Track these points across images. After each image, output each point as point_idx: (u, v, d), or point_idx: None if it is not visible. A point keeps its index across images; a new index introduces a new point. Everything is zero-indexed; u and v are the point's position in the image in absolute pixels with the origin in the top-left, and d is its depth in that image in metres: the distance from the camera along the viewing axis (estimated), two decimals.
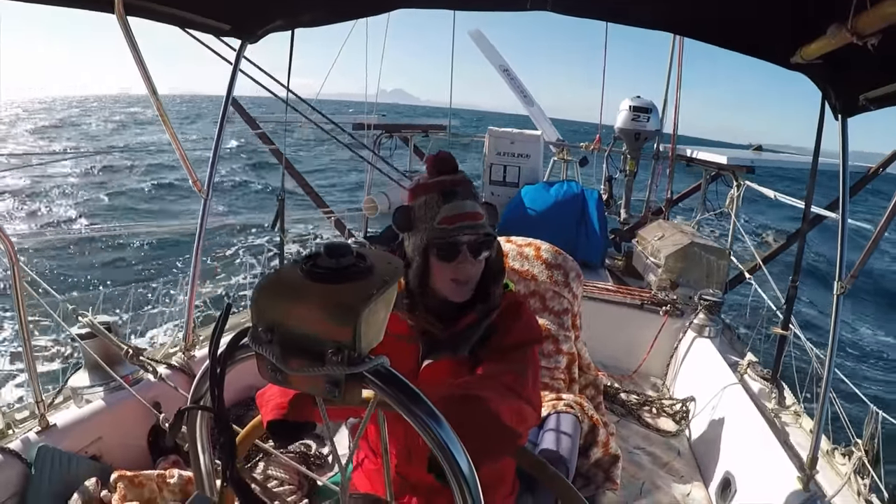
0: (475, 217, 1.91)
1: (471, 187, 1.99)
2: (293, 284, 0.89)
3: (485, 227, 1.93)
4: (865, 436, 3.19)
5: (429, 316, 2.03)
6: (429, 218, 1.93)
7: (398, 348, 2.03)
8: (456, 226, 1.89)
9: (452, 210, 1.90)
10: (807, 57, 2.41)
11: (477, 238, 1.91)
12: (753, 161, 7.04)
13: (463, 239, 1.90)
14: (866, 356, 13.81)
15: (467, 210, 1.91)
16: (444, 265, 1.93)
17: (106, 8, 2.45)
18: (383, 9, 3.35)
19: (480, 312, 2.01)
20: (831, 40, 2.07)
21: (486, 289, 2.04)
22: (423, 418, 0.93)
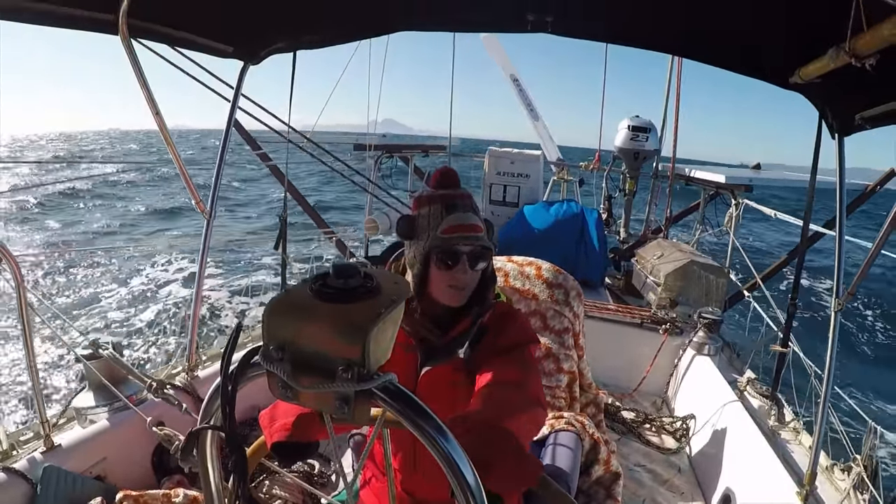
0: (475, 229, 1.98)
1: (472, 202, 2.05)
2: (303, 304, 0.92)
3: (483, 239, 1.99)
4: (864, 451, 3.20)
5: (427, 322, 2.08)
6: (431, 227, 1.99)
7: (397, 357, 2.07)
8: (457, 235, 1.96)
9: (454, 221, 1.97)
10: (805, 77, 2.45)
11: (475, 249, 1.98)
12: (752, 180, 7.08)
13: (463, 248, 1.97)
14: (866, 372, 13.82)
15: (468, 222, 1.98)
16: (442, 272, 1.99)
17: (110, 30, 2.49)
18: (384, 31, 3.40)
19: (474, 315, 2.07)
20: (830, 62, 2.10)
21: (482, 294, 2.10)
22: (430, 433, 0.95)
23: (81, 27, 2.49)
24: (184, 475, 3.20)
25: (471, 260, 1.98)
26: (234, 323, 1.21)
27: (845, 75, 2.06)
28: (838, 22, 1.88)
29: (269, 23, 3.09)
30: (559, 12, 2.87)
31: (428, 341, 2.09)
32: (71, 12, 2.39)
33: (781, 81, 2.71)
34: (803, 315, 13.93)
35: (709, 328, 5.17)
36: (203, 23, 2.90)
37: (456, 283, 1.99)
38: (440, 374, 2.06)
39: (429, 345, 2.09)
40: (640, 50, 3.22)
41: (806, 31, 2.25)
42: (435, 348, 2.08)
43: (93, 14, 2.43)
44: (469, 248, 1.97)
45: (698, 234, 8.16)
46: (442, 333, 2.08)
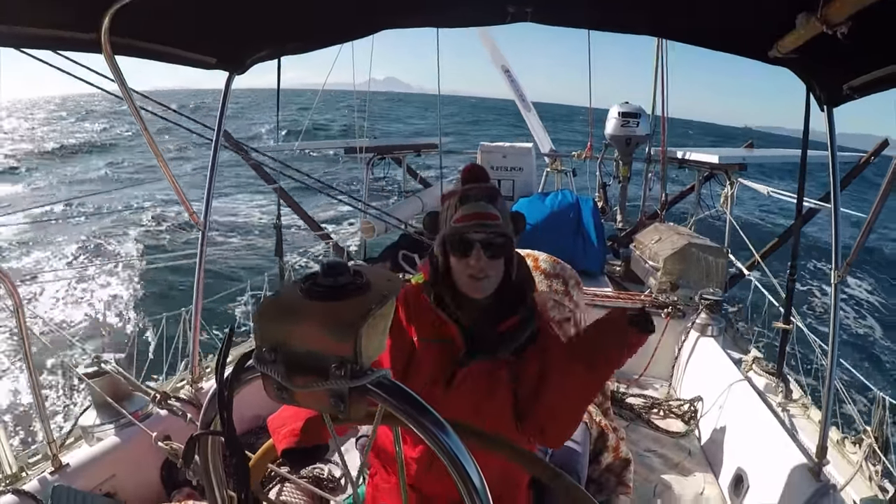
0: (487, 217, 1.98)
1: (492, 193, 2.05)
2: (293, 304, 0.91)
3: (498, 227, 1.99)
4: (874, 422, 3.20)
5: (475, 315, 2.10)
6: (448, 219, 2.03)
7: (434, 350, 2.10)
8: (468, 223, 1.98)
9: (466, 210, 1.99)
10: (783, 50, 2.44)
11: (488, 237, 1.98)
12: (745, 158, 7.08)
13: (475, 236, 1.98)
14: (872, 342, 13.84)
15: (480, 210, 1.98)
16: (460, 261, 2.01)
17: (93, 49, 2.48)
18: (367, 32, 3.39)
19: (524, 315, 2.09)
20: (802, 31, 2.10)
21: (522, 295, 2.13)
22: (430, 428, 0.95)
23: (64, 48, 2.48)
24: (193, 488, 3.20)
25: (485, 248, 1.98)
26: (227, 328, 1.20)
27: (826, 46, 2.05)
28: None
29: (253, 32, 3.08)
30: (539, 2, 2.87)
31: (472, 333, 2.10)
32: (53, 34, 2.38)
33: (762, 56, 2.70)
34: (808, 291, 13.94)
35: (711, 309, 5.18)
36: (185, 36, 2.88)
37: (472, 272, 2.00)
38: (481, 372, 2.07)
39: (473, 337, 2.10)
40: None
41: (778, 2, 2.24)
42: (479, 341, 2.09)
43: (74, 35, 2.42)
44: (481, 236, 1.98)
45: (695, 216, 8.15)
46: (489, 326, 2.09)
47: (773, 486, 3.28)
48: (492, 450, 1.45)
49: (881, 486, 2.99)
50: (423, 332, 2.14)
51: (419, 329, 2.14)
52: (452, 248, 2.03)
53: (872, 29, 1.92)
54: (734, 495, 3.66)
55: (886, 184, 2.52)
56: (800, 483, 3.05)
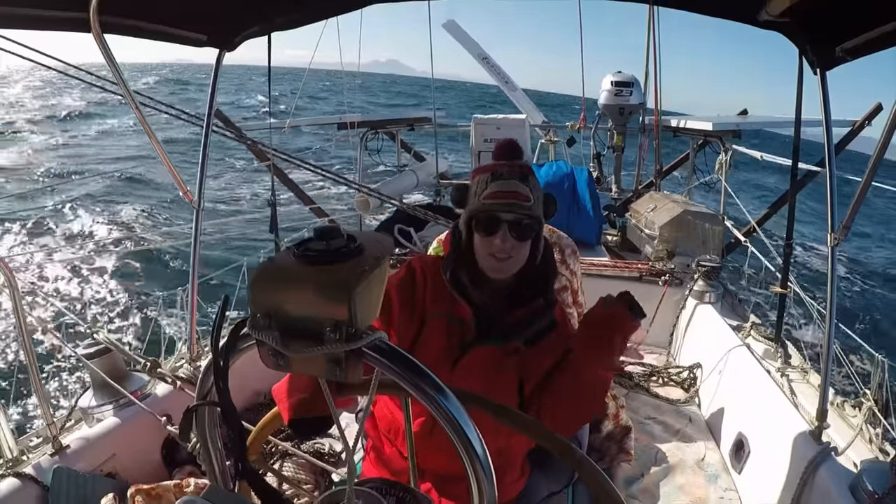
0: (518, 196, 1.94)
1: (524, 172, 2.01)
2: (286, 269, 0.91)
3: (529, 209, 1.96)
4: (873, 385, 3.20)
5: (491, 297, 2.07)
6: (478, 194, 1.99)
7: (443, 328, 2.09)
8: (497, 202, 1.94)
9: (497, 187, 1.96)
10: (773, 11, 2.42)
11: (518, 217, 1.95)
12: (739, 125, 7.07)
13: (504, 216, 1.95)
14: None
15: (511, 189, 1.95)
16: (484, 239, 1.98)
17: (81, 28, 2.46)
18: (356, 6, 3.36)
19: (541, 303, 2.07)
20: None
21: (545, 282, 2.12)
22: (428, 392, 0.95)
23: (52, 27, 2.47)
24: (195, 466, 3.20)
25: (513, 229, 1.95)
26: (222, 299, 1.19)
27: (816, 7, 2.04)
28: None
29: (242, 8, 3.05)
30: None
31: (485, 317, 2.08)
32: (41, 14, 2.36)
33: (752, 20, 2.68)
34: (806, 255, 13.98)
35: (708, 276, 5.17)
36: (175, 13, 2.86)
37: (496, 252, 1.97)
38: (488, 356, 2.06)
39: (485, 321, 2.08)
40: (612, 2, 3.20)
41: None
42: (491, 325, 2.07)
43: (63, 14, 2.41)
44: (511, 217, 1.95)
45: (691, 184, 8.15)
46: (504, 310, 2.07)
47: (773, 451, 3.29)
48: (497, 419, 1.45)
49: (882, 449, 3.00)
50: (436, 306, 2.11)
51: (432, 303, 2.12)
52: (478, 226, 2.00)
53: None
54: (735, 460, 3.68)
55: (880, 147, 2.51)
56: (800, 447, 3.06)
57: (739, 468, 3.59)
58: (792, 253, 4.26)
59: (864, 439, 3.08)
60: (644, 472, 3.64)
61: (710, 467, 3.73)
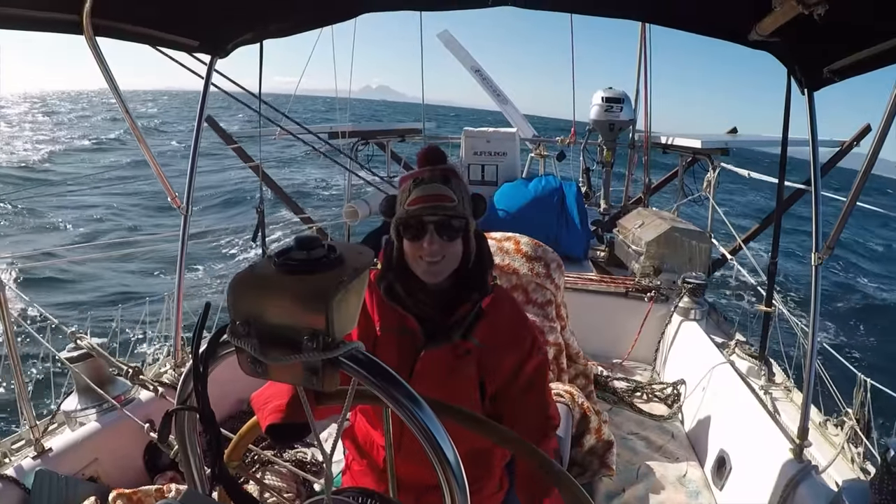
0: (440, 199, 1.94)
1: (446, 174, 2.01)
2: (266, 278, 0.92)
3: (453, 209, 1.96)
4: (856, 405, 3.23)
5: (428, 304, 2.07)
6: (402, 202, 1.99)
7: (394, 340, 2.09)
8: (419, 206, 1.94)
9: (419, 192, 1.95)
10: (763, 32, 2.45)
11: (442, 219, 1.95)
12: (728, 143, 7.10)
13: (428, 219, 1.94)
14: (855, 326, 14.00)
15: (433, 192, 1.95)
16: (413, 245, 1.98)
17: (74, 30, 2.46)
18: (348, 15, 3.38)
19: (474, 300, 2.05)
20: (779, 11, 2.11)
21: (481, 278, 2.10)
22: (402, 402, 0.96)
23: (45, 29, 2.47)
24: (177, 472, 3.20)
25: (439, 230, 1.95)
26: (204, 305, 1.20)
27: (805, 29, 2.06)
28: None
29: (235, 15, 3.07)
30: None
31: (429, 323, 2.08)
32: (34, 15, 2.36)
33: (742, 39, 2.71)
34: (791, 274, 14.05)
35: (693, 293, 5.20)
36: (168, 18, 2.87)
37: (426, 255, 1.97)
38: (440, 359, 2.06)
39: (430, 326, 2.08)
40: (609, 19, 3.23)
41: None
42: (436, 330, 2.07)
43: (56, 15, 2.42)
44: (436, 218, 1.94)
45: (679, 201, 8.19)
46: (444, 315, 2.07)
47: (755, 468, 3.32)
48: (474, 431, 1.46)
49: (863, 468, 3.02)
50: (384, 321, 2.13)
51: (381, 318, 2.13)
52: (406, 232, 2.00)
53: (850, 11, 1.93)
54: (717, 477, 3.69)
55: (865, 168, 2.53)
56: (781, 465, 3.08)
57: (721, 485, 3.61)
58: (777, 271, 4.28)
59: (846, 458, 3.10)
60: (625, 487, 3.65)
61: (692, 483, 3.74)
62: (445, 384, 2.02)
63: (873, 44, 2.26)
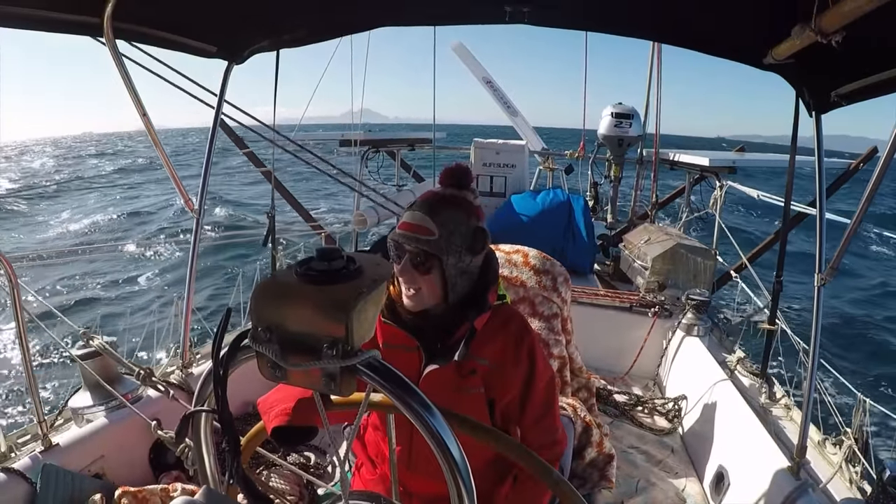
0: (418, 230, 1.94)
1: (440, 204, 2.00)
2: (289, 286, 0.96)
3: (426, 243, 1.94)
4: (855, 424, 3.25)
5: (425, 326, 2.08)
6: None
7: (400, 357, 2.09)
8: (401, 233, 1.97)
9: (406, 218, 1.98)
10: (778, 57, 2.49)
11: (415, 250, 1.95)
12: (735, 161, 7.13)
13: (407, 246, 1.96)
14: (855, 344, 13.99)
15: (414, 221, 1.95)
16: (396, 266, 2.00)
17: (94, 32, 2.51)
18: (367, 26, 3.44)
19: (471, 318, 2.04)
20: (797, 41, 2.15)
21: (481, 297, 2.09)
22: (416, 408, 1.00)
23: (66, 30, 2.50)
24: (182, 470, 3.24)
25: (412, 260, 1.96)
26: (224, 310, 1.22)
27: (818, 54, 2.10)
28: (804, 2, 1.92)
29: (253, 22, 3.12)
30: (536, 2, 2.91)
31: (429, 342, 2.09)
32: (56, 16, 2.41)
33: (757, 62, 2.75)
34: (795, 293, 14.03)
35: (697, 309, 5.22)
36: (187, 23, 2.92)
37: (402, 280, 2.00)
38: (444, 378, 2.07)
39: (430, 345, 2.09)
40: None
41: (775, 10, 2.28)
42: (437, 349, 2.08)
43: (77, 17, 2.45)
44: (410, 248, 1.95)
45: (685, 218, 8.21)
46: (443, 335, 2.07)
47: (752, 485, 3.33)
48: (481, 440, 1.49)
49: (860, 488, 3.04)
50: (387, 337, 2.14)
51: (384, 334, 2.15)
52: (390, 252, 2.01)
53: (862, 38, 1.97)
54: (715, 493, 3.71)
55: (869, 191, 2.56)
56: (779, 481, 3.10)
57: (719, 500, 3.63)
58: (781, 290, 4.31)
59: (844, 478, 3.12)
60: (624, 500, 3.68)
61: (690, 498, 3.77)
62: (450, 403, 2.02)
63: (879, 70, 2.30)
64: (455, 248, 1.98)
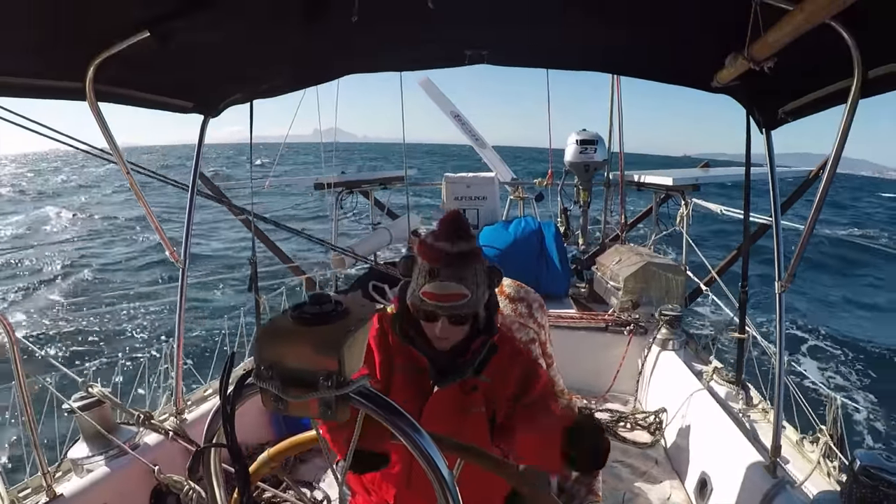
0: (452, 298, 2.04)
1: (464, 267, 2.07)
2: (286, 329, 1.10)
3: (464, 306, 2.05)
4: (829, 421, 3.39)
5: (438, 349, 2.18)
6: (418, 285, 2.09)
7: (409, 377, 2.21)
8: (434, 303, 2.05)
9: (432, 289, 2.04)
10: (722, 81, 2.66)
11: (454, 313, 2.06)
12: (698, 179, 7.30)
13: (441, 312, 2.06)
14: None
15: (446, 291, 2.04)
16: (426, 323, 2.12)
17: (78, 97, 2.62)
18: (334, 76, 3.59)
19: (484, 340, 2.17)
20: (732, 69, 2.33)
21: (489, 323, 2.21)
22: (405, 429, 1.14)
23: (51, 97, 2.61)
24: None
25: (450, 319, 2.07)
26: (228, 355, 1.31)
27: (760, 77, 2.25)
28: (742, 29, 2.09)
29: (226, 78, 3.26)
30: (492, 46, 3.09)
31: (440, 363, 2.18)
32: (40, 83, 2.52)
33: (705, 86, 2.94)
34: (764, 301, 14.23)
35: (671, 324, 5.37)
36: (163, 83, 3.05)
37: (439, 335, 2.10)
38: (451, 397, 2.18)
39: (440, 366, 2.18)
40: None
41: (716, 39, 2.44)
42: (446, 369, 2.18)
43: (61, 84, 2.57)
44: (448, 312, 2.06)
45: (654, 237, 8.36)
46: (453, 357, 2.18)
47: (734, 487, 3.46)
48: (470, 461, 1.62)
49: (839, 481, 3.14)
50: (399, 358, 2.23)
51: (398, 356, 2.23)
52: (419, 314, 2.12)
53: (797, 61, 2.14)
54: (699, 498, 3.84)
55: (818, 200, 2.71)
56: (758, 481, 3.23)
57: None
58: (747, 300, 4.46)
59: (823, 473, 3.25)
60: None
61: None
62: (456, 421, 2.15)
63: (818, 88, 2.49)
64: (482, 297, 2.13)
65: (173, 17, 2.17)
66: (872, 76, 2.10)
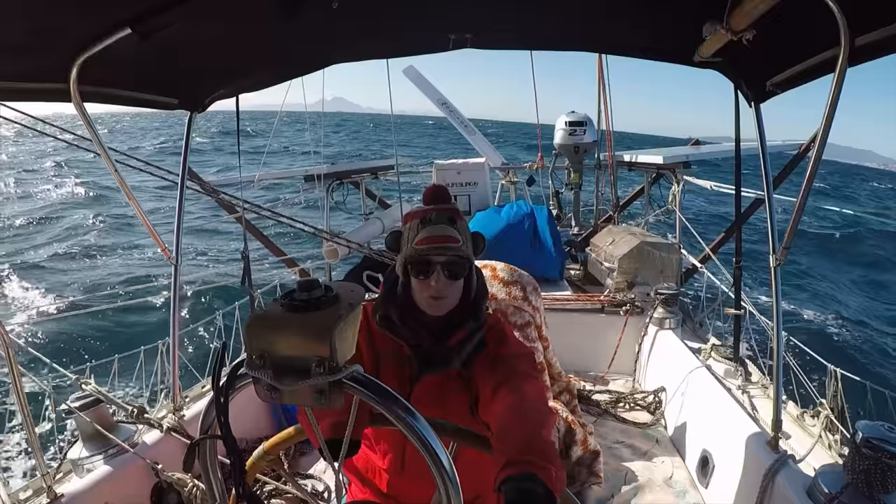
0: (448, 240, 2.05)
1: (452, 215, 2.12)
2: (276, 317, 1.09)
3: (458, 249, 2.07)
4: (829, 394, 3.39)
5: (422, 332, 2.16)
6: (410, 240, 2.10)
7: (394, 365, 2.19)
8: (428, 246, 2.05)
9: (427, 233, 2.06)
10: (704, 55, 2.65)
11: (449, 259, 2.06)
12: (688, 157, 7.29)
13: (436, 259, 2.05)
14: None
15: (441, 233, 2.06)
16: (421, 282, 2.09)
17: (62, 98, 2.60)
18: (319, 66, 3.57)
19: (471, 328, 2.15)
20: (711, 40, 2.31)
21: (477, 306, 2.20)
22: (400, 414, 1.13)
23: (36, 99, 2.59)
24: None
25: (445, 270, 2.06)
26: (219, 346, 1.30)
27: (744, 49, 2.24)
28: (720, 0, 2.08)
29: (210, 73, 3.23)
30: (475, 30, 3.08)
31: (423, 349, 2.17)
32: (25, 86, 2.49)
33: (688, 61, 2.92)
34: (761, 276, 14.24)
35: (667, 303, 5.37)
36: (148, 80, 3.02)
37: (433, 293, 2.08)
38: (435, 383, 2.15)
39: (424, 353, 2.17)
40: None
41: (695, 12, 2.42)
42: (431, 356, 2.16)
43: (45, 86, 2.54)
44: (443, 259, 2.05)
45: (647, 216, 8.36)
46: (437, 341, 2.16)
47: (735, 463, 3.46)
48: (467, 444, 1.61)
49: (840, 454, 3.15)
50: (384, 347, 2.22)
51: (382, 346, 2.23)
52: (414, 270, 2.09)
53: (783, 31, 2.13)
54: (701, 475, 3.84)
55: (810, 173, 2.70)
56: (759, 457, 3.21)
57: (706, 483, 3.76)
58: (742, 275, 4.46)
59: (824, 446, 3.26)
60: (614, 492, 3.79)
61: (678, 484, 3.89)
62: (440, 407, 2.10)
63: (806, 58, 2.46)
64: (471, 253, 2.14)
65: (154, 14, 2.14)
66: (860, 44, 2.08)
